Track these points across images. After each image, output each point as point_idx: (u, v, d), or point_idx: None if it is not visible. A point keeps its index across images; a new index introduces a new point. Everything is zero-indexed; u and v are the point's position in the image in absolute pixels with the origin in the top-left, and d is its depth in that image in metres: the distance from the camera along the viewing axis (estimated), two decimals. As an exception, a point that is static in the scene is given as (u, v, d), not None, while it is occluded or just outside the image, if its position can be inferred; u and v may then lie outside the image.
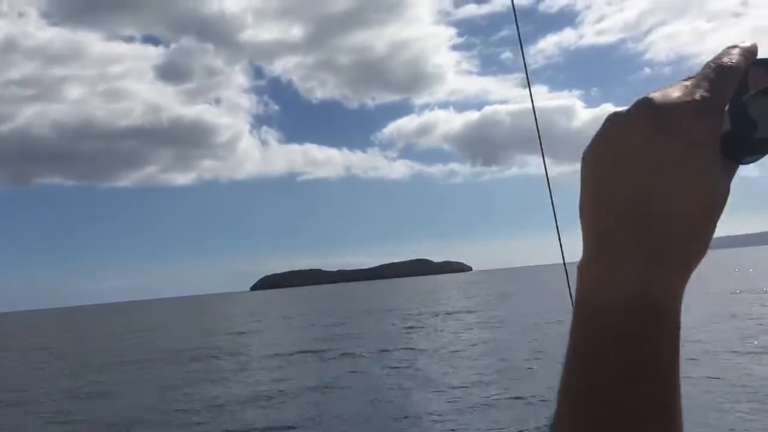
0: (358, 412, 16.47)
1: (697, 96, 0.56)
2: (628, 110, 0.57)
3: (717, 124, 0.56)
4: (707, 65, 0.58)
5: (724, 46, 0.60)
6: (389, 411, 16.28)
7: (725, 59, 0.58)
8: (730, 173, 0.57)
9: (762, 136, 0.56)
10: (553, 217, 1.63)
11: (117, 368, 30.22)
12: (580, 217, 0.58)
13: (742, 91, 0.58)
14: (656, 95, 0.56)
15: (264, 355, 31.45)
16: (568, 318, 0.58)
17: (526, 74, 1.67)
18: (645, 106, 0.56)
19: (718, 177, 0.56)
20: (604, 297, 0.54)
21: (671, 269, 0.54)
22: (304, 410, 17.26)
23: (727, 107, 0.58)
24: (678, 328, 0.54)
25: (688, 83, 0.57)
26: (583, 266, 0.57)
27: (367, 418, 15.87)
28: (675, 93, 0.56)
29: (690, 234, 0.55)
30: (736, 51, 0.59)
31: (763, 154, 0.57)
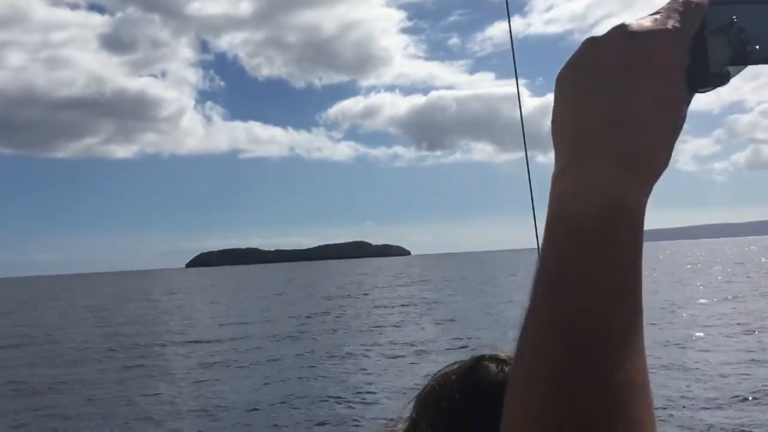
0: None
1: (669, 26, 0.60)
2: (604, 35, 0.61)
3: (685, 54, 0.61)
4: (674, 0, 0.62)
5: None
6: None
7: None
8: (689, 100, 0.62)
9: (715, 71, 0.62)
10: (531, 205, 1.46)
11: None
12: (552, 131, 0.63)
13: (701, 27, 0.63)
14: (631, 22, 0.61)
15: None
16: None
17: (516, 77, 1.51)
18: (621, 31, 0.60)
19: (683, 101, 0.61)
20: (578, 203, 0.59)
21: (640, 179, 0.59)
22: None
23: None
24: (642, 233, 0.59)
25: (658, 16, 0.61)
26: (557, 176, 0.61)
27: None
28: (648, 22, 0.61)
29: (657, 149, 0.60)
30: None
31: (716, 87, 0.63)
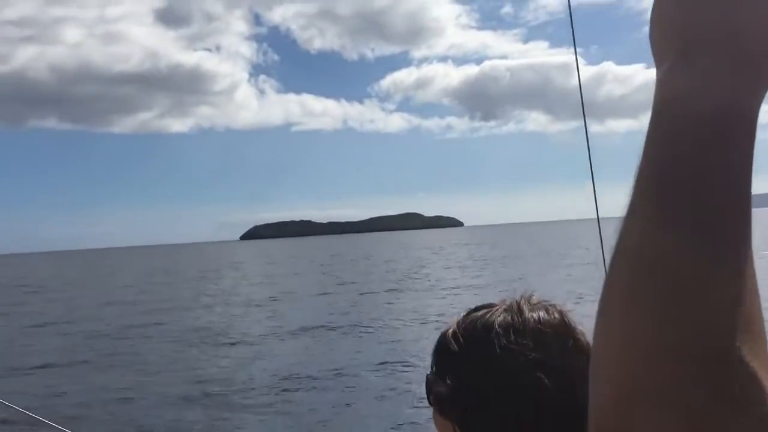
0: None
1: None
2: None
3: None
4: None
5: None
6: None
7: None
8: None
9: None
10: (590, 172, 1.55)
11: None
12: (654, 31, 0.60)
13: None
14: None
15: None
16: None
17: (574, 45, 1.56)
18: None
19: None
20: (690, 102, 0.55)
21: (754, 81, 0.56)
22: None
23: None
24: (754, 140, 0.55)
25: None
26: (665, 75, 0.58)
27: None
28: None
29: None
30: None
31: None
